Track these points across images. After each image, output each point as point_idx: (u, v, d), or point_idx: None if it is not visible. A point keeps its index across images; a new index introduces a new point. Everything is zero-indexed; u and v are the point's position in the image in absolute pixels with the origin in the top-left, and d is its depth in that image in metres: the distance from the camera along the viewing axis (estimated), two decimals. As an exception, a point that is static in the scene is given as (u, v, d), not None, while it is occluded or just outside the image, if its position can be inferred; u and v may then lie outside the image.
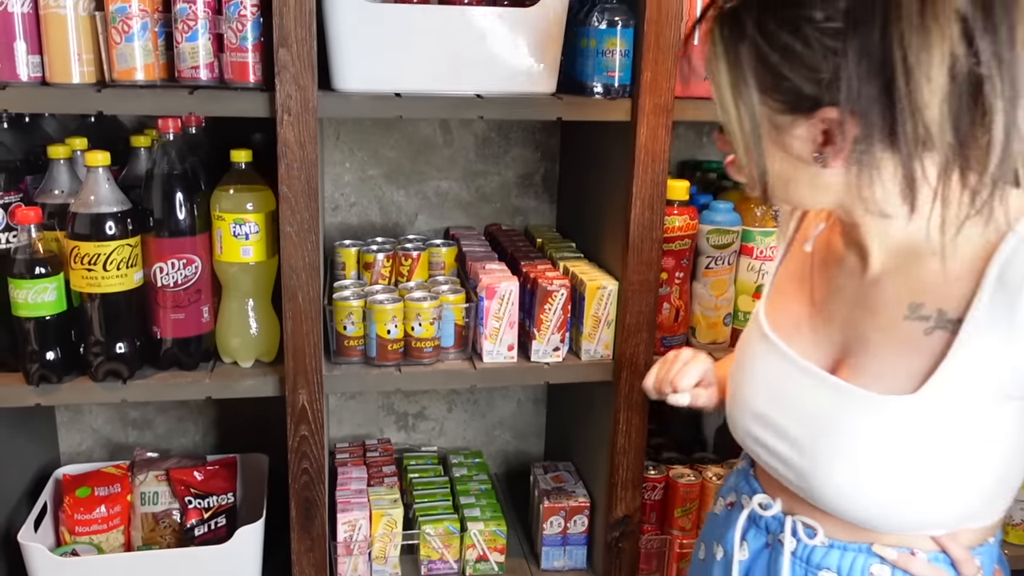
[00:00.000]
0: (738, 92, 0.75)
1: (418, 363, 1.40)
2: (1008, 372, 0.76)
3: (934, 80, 0.66)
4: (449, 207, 1.78)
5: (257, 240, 1.31)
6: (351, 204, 1.74)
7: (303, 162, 1.24)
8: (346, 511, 1.51)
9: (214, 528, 1.52)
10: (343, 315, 1.38)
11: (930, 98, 0.67)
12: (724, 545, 0.98)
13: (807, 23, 0.69)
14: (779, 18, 0.71)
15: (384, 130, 1.70)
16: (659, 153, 1.34)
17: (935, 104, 0.67)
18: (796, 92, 0.72)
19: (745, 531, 0.96)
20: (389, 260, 1.52)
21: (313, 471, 1.38)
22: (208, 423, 1.78)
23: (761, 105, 0.75)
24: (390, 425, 1.87)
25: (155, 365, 1.34)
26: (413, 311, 1.38)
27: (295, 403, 1.34)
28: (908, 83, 0.67)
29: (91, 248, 1.22)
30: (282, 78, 1.21)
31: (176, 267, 1.29)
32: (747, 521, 0.96)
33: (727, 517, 1.00)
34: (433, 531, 1.54)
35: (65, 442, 1.74)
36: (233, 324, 1.36)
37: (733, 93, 0.76)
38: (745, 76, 0.74)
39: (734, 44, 0.74)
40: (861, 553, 0.86)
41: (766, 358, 0.91)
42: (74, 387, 1.29)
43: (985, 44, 0.66)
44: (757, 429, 0.91)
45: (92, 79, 1.23)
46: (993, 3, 0.66)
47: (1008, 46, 0.66)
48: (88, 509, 1.49)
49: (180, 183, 1.28)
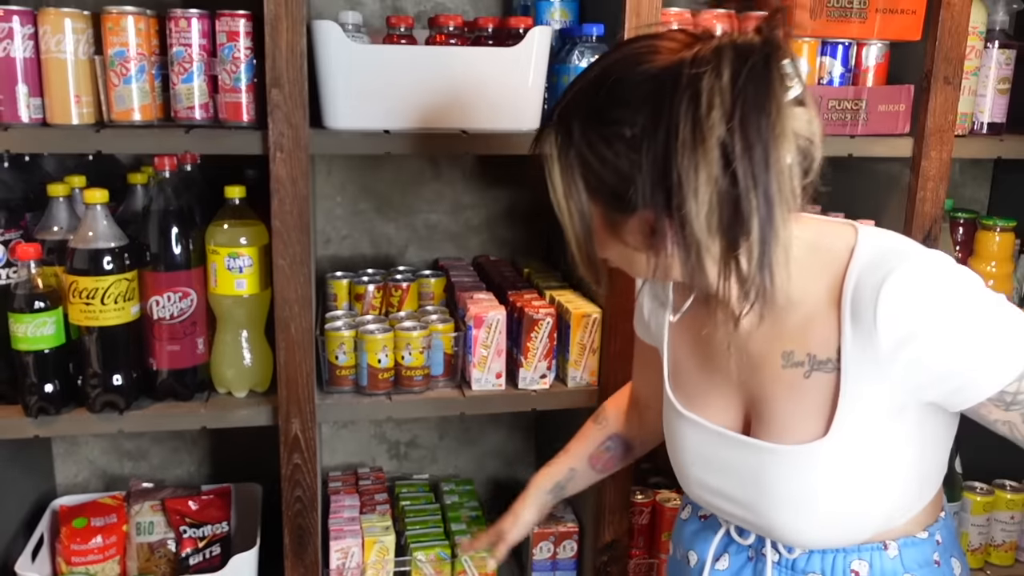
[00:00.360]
0: (569, 193, 0.84)
1: (408, 391, 1.44)
2: (896, 395, 0.83)
3: (700, 196, 0.75)
4: (438, 239, 1.82)
5: (251, 273, 1.35)
6: (343, 237, 1.78)
7: (295, 197, 1.28)
8: (339, 538, 1.53)
9: (209, 557, 1.54)
10: (335, 345, 1.42)
11: (698, 210, 0.75)
12: (698, 554, 1.03)
13: (617, 137, 0.78)
14: (598, 131, 0.80)
15: (374, 165, 1.75)
16: (639, 185, 1.38)
17: (702, 216, 0.75)
18: (617, 195, 0.80)
19: (725, 547, 0.99)
20: (380, 291, 1.56)
21: (306, 499, 1.41)
22: (202, 454, 1.81)
23: (592, 204, 0.84)
24: (382, 454, 1.90)
25: (151, 396, 1.37)
26: (403, 340, 1.42)
27: (288, 432, 1.37)
28: (680, 196, 0.75)
29: (89, 282, 1.26)
30: (275, 117, 1.26)
31: (172, 300, 1.33)
32: (725, 537, 1.00)
33: (700, 528, 1.04)
34: (424, 557, 1.56)
35: (61, 473, 1.76)
36: (227, 355, 1.39)
37: (565, 194, 0.85)
38: (575, 179, 0.83)
39: (565, 150, 0.83)
40: (840, 552, 0.92)
41: (687, 432, 0.98)
42: (72, 419, 1.32)
43: (742, 166, 0.74)
44: (704, 495, 0.98)
45: (91, 120, 1.27)
46: (749, 129, 0.73)
47: (763, 167, 0.74)
48: (84, 539, 1.51)
49: (176, 219, 1.32)
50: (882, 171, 1.58)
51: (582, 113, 0.81)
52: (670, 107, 0.75)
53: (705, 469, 0.96)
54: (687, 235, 0.77)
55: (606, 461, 1.21)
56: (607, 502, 1.50)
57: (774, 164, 0.74)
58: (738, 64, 0.74)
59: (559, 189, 0.85)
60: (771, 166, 0.74)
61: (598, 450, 1.20)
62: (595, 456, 1.21)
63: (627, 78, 0.79)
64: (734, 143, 0.73)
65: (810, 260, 0.85)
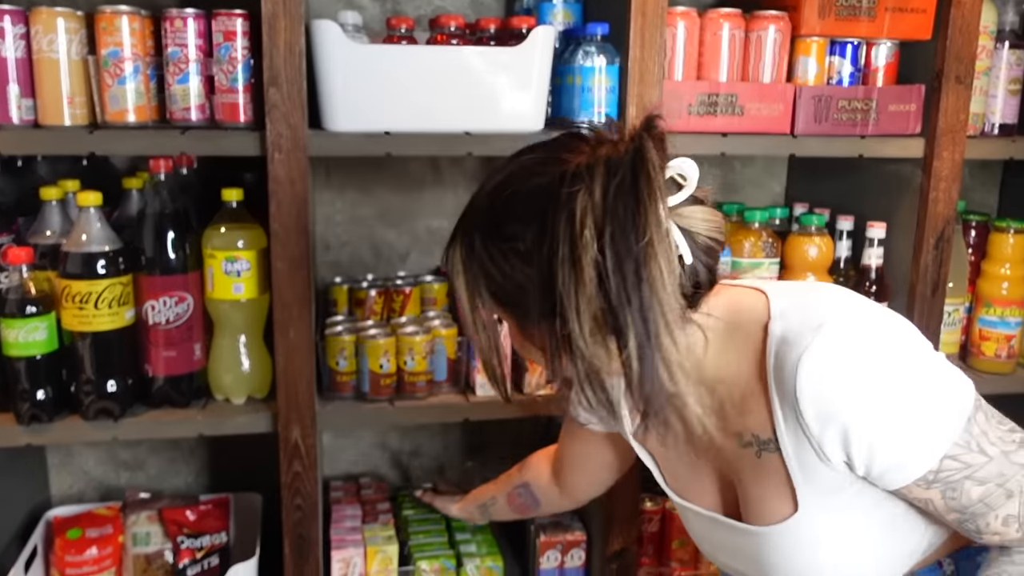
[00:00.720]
0: (475, 305, 0.85)
1: (411, 397, 1.40)
2: (840, 470, 0.81)
3: (581, 313, 0.74)
4: (440, 245, 1.76)
5: (248, 277, 1.32)
6: (342, 243, 1.75)
7: (293, 198, 1.25)
8: (340, 548, 1.50)
9: (207, 568, 1.50)
10: (335, 350, 1.39)
11: (581, 327, 0.75)
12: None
13: (513, 251, 0.79)
14: (496, 245, 0.80)
15: (374, 170, 1.72)
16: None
17: (586, 331, 0.75)
18: (520, 305, 0.81)
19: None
20: (381, 296, 1.53)
21: (307, 508, 1.37)
22: (200, 463, 1.77)
23: (504, 311, 0.84)
24: (385, 463, 1.86)
25: (147, 403, 1.34)
26: (406, 345, 1.39)
27: (288, 439, 1.34)
28: (563, 313, 0.75)
29: (83, 287, 1.23)
30: (272, 117, 1.23)
31: (168, 305, 1.30)
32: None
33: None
34: (429, 567, 1.53)
35: (56, 484, 1.73)
36: (225, 361, 1.36)
37: (471, 306, 0.85)
38: (480, 290, 0.83)
39: (469, 263, 0.83)
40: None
41: (687, 516, 1.00)
42: (65, 426, 1.29)
43: (614, 284, 0.73)
44: (723, 568, 1.02)
45: (84, 121, 1.25)
46: (619, 247, 0.73)
47: (635, 284, 0.73)
48: (79, 551, 1.47)
49: (172, 222, 1.29)
50: (893, 172, 1.55)
51: (483, 226, 0.82)
52: (552, 225, 0.75)
53: (712, 548, 0.99)
54: (575, 349, 0.76)
55: (519, 505, 1.31)
56: (615, 510, 1.47)
57: (647, 279, 0.73)
58: (607, 180, 0.74)
59: (465, 301, 0.85)
60: (643, 281, 0.73)
61: (513, 492, 1.31)
62: (511, 496, 1.31)
63: (519, 192, 0.80)
64: (606, 261, 0.73)
65: (730, 339, 0.85)
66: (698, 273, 0.79)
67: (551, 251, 0.75)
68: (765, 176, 1.89)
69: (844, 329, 0.78)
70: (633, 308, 0.73)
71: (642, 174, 0.73)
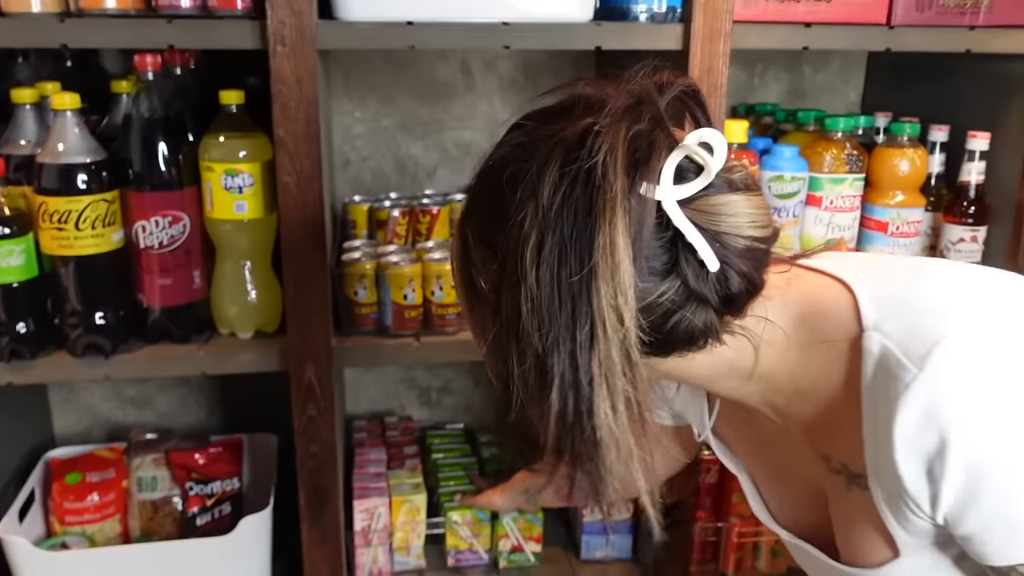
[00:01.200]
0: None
1: (440, 332, 1.24)
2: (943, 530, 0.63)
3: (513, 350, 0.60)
4: (471, 160, 1.58)
5: (252, 193, 1.14)
6: (363, 158, 1.56)
7: (300, 100, 1.07)
8: (363, 497, 1.36)
9: (218, 517, 1.37)
10: (354, 279, 1.22)
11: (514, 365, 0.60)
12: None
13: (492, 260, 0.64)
14: (480, 247, 0.66)
15: (398, 73, 1.52)
16: (716, 86, 1.15)
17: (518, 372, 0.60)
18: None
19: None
20: (405, 217, 1.35)
21: (323, 455, 1.22)
22: (213, 400, 1.63)
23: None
24: (412, 400, 1.71)
25: (142, 337, 1.19)
26: (433, 273, 1.21)
27: (301, 379, 1.18)
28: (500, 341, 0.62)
29: (61, 204, 1.06)
30: (274, 3, 1.04)
31: (160, 226, 1.13)
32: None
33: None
34: (460, 519, 1.38)
35: (59, 422, 1.60)
36: (229, 290, 1.20)
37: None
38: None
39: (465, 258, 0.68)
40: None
41: (794, 548, 0.81)
42: (50, 363, 1.14)
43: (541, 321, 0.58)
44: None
45: (56, 8, 1.06)
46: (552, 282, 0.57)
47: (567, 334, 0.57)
48: (79, 497, 1.34)
49: (162, 129, 1.12)
50: (1002, 73, 1.32)
51: (469, 219, 0.68)
52: (504, 242, 0.60)
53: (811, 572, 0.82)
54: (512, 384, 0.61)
55: (566, 495, 1.08)
56: (668, 459, 1.30)
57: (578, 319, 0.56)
58: (555, 184, 0.57)
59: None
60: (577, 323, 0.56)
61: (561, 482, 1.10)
62: (558, 487, 1.09)
63: (489, 188, 0.64)
64: (539, 291, 0.57)
65: (809, 352, 0.66)
66: (729, 282, 0.60)
67: (500, 271, 0.61)
68: (839, 82, 1.67)
69: (963, 355, 0.58)
70: (561, 354, 0.57)
71: (601, 173, 0.56)
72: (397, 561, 1.39)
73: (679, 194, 0.58)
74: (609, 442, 0.58)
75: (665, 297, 0.59)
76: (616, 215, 0.55)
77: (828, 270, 0.68)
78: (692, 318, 0.60)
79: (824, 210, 1.28)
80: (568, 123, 0.59)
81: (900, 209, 1.30)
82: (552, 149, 0.58)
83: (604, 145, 0.56)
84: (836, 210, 1.28)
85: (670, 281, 0.59)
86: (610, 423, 0.57)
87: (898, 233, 1.30)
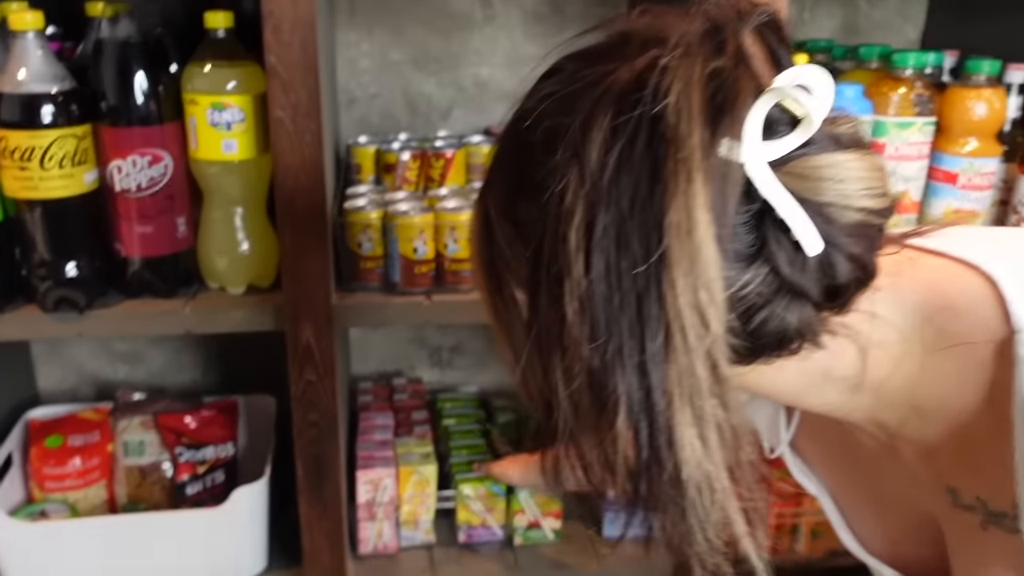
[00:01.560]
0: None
1: (453, 289, 1.11)
2: None
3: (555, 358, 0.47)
4: (490, 100, 1.45)
5: (242, 131, 1.01)
6: (371, 96, 1.42)
7: (296, 22, 0.93)
8: (368, 467, 1.25)
9: (210, 486, 1.27)
10: (358, 229, 1.09)
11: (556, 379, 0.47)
12: None
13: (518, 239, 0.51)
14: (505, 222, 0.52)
15: (409, 2, 1.37)
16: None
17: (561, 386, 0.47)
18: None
19: None
20: (416, 161, 1.21)
21: (323, 424, 1.11)
22: (209, 357, 1.52)
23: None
24: (422, 360, 1.59)
25: (121, 290, 1.06)
26: (447, 224, 1.08)
27: (298, 341, 1.06)
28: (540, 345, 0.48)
29: (23, 139, 0.93)
30: (265, -94, 0.89)
31: (138, 166, 1.00)
32: None
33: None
34: (473, 492, 1.27)
35: (44, 378, 1.49)
36: (217, 240, 1.07)
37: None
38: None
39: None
40: None
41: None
42: (18, 318, 1.02)
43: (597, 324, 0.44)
44: None
45: (14, -89, 0.92)
46: (611, 271, 0.43)
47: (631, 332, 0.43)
48: (60, 461, 1.24)
49: (140, 55, 0.98)
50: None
51: (493, 190, 0.55)
52: (542, 218, 0.46)
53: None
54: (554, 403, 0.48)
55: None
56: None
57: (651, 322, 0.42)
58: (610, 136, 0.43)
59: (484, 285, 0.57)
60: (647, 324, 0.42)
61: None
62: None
63: (521, 148, 0.51)
64: (591, 287, 0.43)
65: (936, 357, 0.51)
66: (835, 269, 0.46)
67: (534, 261, 0.47)
68: (898, 17, 1.51)
69: None
70: (625, 371, 0.43)
71: (672, 122, 0.42)
72: (404, 536, 1.28)
73: (770, 153, 0.44)
74: (699, 481, 0.44)
75: (749, 289, 0.45)
76: (694, 180, 0.41)
77: (953, 252, 0.53)
78: (784, 316, 0.46)
79: (889, 159, 1.14)
80: (621, 62, 0.45)
81: (973, 159, 1.15)
82: (601, 96, 0.44)
83: (675, 85, 0.42)
84: (902, 158, 1.14)
85: (755, 269, 0.45)
86: (699, 457, 0.44)
87: (970, 186, 1.15)
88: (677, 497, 0.45)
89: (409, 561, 1.28)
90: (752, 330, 0.45)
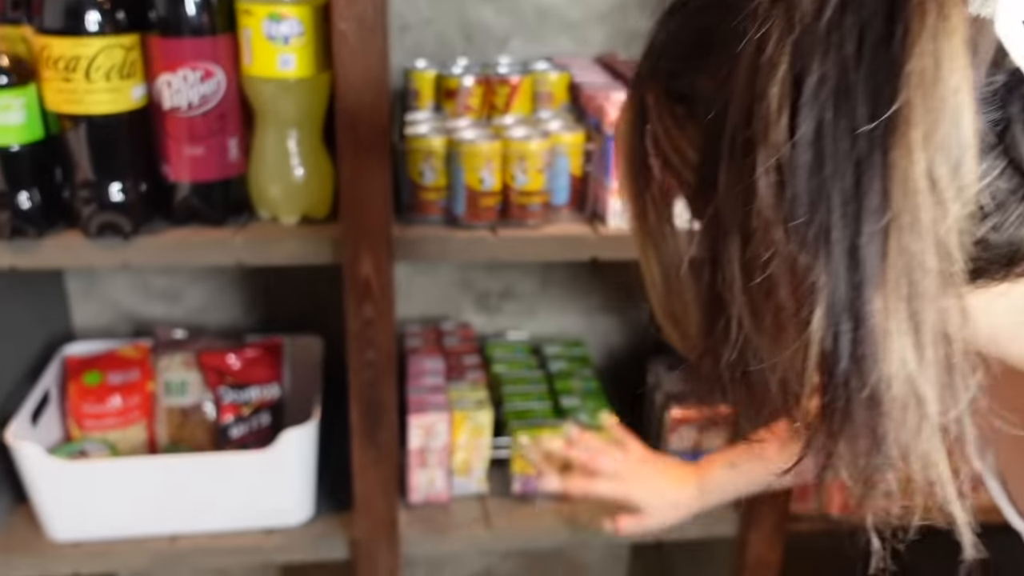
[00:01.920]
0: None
1: (520, 224, 1.04)
2: None
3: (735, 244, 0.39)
4: (550, 29, 1.36)
5: (301, 45, 0.93)
6: (425, 22, 1.33)
7: (365, -79, 0.85)
8: (420, 412, 1.18)
9: (255, 429, 1.21)
10: (419, 158, 1.02)
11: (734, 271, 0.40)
12: None
13: (687, 118, 0.45)
14: (667, 105, 0.46)
15: (469, -82, 1.28)
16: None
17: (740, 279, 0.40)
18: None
19: None
20: (480, 87, 1.13)
21: (381, 364, 1.04)
22: (252, 294, 1.46)
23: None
24: (468, 304, 1.52)
25: (168, 217, 1.00)
26: (515, 153, 1.01)
27: (356, 275, 0.99)
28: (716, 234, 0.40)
29: (67, 47, 0.86)
30: None
31: (189, 81, 0.93)
32: None
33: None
34: (531, 441, 1.21)
35: (79, 315, 1.43)
36: (271, 166, 1.00)
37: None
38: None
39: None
40: None
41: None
42: (59, 244, 0.96)
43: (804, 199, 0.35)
44: None
45: None
46: (828, 132, 0.34)
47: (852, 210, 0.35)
48: (99, 399, 1.19)
49: (192, -41, 0.90)
50: None
51: (653, 72, 0.47)
52: (728, 82, 0.37)
53: None
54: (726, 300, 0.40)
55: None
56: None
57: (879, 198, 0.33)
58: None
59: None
60: (865, 218, 0.34)
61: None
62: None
63: (698, 14, 0.43)
64: (794, 155, 0.34)
65: None
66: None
67: (713, 130, 0.38)
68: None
69: None
70: (832, 258, 0.35)
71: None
72: (456, 484, 1.23)
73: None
74: (907, 402, 0.36)
75: (981, 185, 0.35)
76: (950, 16, 0.32)
77: None
78: (1019, 225, 0.37)
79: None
80: None
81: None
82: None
83: None
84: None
85: (992, 159, 0.35)
86: (911, 372, 0.35)
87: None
88: (875, 420, 0.36)
89: (461, 511, 1.22)
90: (977, 239, 0.37)
